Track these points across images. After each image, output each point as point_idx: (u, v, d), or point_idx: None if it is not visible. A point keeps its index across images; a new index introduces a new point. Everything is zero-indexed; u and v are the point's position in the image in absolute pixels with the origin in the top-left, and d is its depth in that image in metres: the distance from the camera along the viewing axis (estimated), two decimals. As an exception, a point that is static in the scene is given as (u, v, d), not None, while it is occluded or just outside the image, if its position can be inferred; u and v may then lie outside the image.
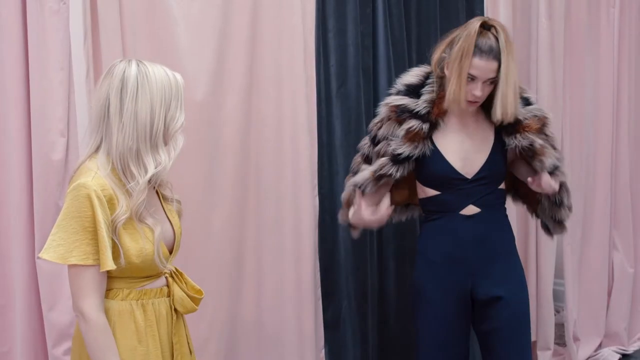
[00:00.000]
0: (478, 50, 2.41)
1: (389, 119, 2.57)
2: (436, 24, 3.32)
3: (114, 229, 1.80)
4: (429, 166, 2.57)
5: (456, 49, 2.45)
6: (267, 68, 2.80)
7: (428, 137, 2.54)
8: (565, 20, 3.71)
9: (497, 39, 2.42)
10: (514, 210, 3.46)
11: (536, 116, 2.58)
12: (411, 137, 2.52)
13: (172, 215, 2.03)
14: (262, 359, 2.88)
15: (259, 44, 2.78)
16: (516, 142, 2.55)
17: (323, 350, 3.00)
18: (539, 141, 2.55)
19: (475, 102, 2.50)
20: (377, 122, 2.61)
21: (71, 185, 1.81)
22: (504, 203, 2.71)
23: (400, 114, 2.55)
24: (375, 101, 3.20)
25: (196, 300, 2.02)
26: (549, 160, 2.56)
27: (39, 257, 1.84)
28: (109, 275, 1.85)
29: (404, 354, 3.24)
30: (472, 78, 2.44)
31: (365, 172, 2.59)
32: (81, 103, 2.42)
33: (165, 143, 1.88)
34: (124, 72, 1.83)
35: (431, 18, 3.35)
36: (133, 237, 1.84)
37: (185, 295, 1.99)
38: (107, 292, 1.87)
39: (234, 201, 2.75)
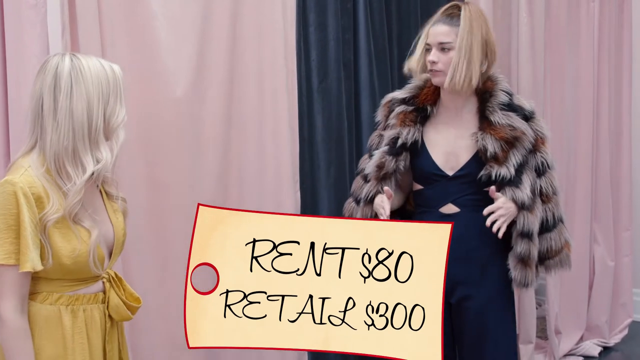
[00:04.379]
0: (434, 21, 2.42)
1: (385, 119, 2.54)
2: (417, 18, 3.33)
3: (42, 228, 1.72)
4: (415, 159, 2.49)
5: None
6: (248, 63, 2.79)
7: (418, 122, 2.47)
8: (546, 15, 3.73)
9: (461, 12, 2.38)
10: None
11: (514, 128, 2.38)
12: (402, 119, 2.47)
13: (116, 215, 1.93)
14: (243, 358, 2.87)
15: (240, 38, 2.76)
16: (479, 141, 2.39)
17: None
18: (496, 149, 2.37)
19: (435, 71, 2.39)
20: (374, 135, 2.57)
21: None
22: None
23: (392, 106, 2.53)
24: (357, 95, 3.20)
25: (133, 309, 1.92)
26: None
27: None
28: (40, 277, 1.77)
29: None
30: (428, 48, 2.42)
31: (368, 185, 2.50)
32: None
33: (107, 139, 1.80)
34: (57, 67, 1.75)
35: (412, 12, 3.36)
36: (66, 237, 1.76)
37: (121, 302, 1.90)
38: (36, 295, 1.78)
39: (216, 196, 2.74)
